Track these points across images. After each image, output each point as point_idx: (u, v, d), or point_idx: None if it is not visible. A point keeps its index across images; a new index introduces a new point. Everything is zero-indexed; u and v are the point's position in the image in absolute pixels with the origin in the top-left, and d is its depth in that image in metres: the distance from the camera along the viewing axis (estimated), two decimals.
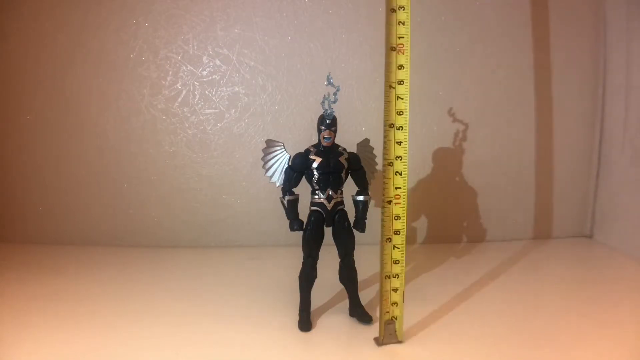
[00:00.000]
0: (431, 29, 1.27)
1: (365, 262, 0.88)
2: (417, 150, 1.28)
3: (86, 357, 0.74)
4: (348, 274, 0.85)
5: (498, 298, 0.96)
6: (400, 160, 0.74)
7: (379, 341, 0.77)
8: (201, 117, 1.28)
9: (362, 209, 0.84)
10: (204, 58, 1.27)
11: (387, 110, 0.73)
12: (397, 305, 0.76)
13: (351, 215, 0.84)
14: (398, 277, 0.75)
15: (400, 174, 0.74)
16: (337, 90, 0.79)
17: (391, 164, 0.74)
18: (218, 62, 1.27)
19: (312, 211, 0.82)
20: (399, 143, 0.74)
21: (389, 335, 0.76)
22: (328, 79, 0.79)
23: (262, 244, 1.31)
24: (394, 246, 0.75)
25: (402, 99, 0.73)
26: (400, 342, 0.77)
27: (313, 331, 0.82)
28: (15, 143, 1.30)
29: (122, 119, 1.28)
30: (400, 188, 0.74)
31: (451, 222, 1.33)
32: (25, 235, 1.33)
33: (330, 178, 0.81)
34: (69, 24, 1.25)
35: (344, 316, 0.87)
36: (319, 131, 0.81)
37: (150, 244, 1.31)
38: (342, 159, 0.82)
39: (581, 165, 1.35)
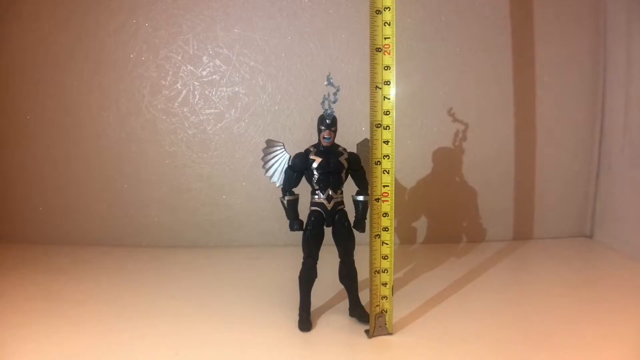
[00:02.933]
0: (431, 29, 1.27)
1: (365, 262, 0.87)
2: (417, 150, 1.28)
3: (86, 357, 0.74)
4: (348, 274, 0.85)
5: (496, 297, 0.96)
6: (388, 159, 0.75)
7: (370, 334, 0.78)
8: (201, 117, 1.28)
9: (362, 209, 0.84)
10: (204, 58, 1.27)
11: (373, 111, 0.75)
12: (386, 299, 0.78)
13: (351, 215, 0.84)
14: (387, 272, 0.77)
15: (388, 173, 0.75)
16: (337, 90, 0.79)
17: (378, 162, 0.75)
18: (218, 62, 1.27)
19: (312, 211, 0.82)
20: (386, 142, 0.75)
21: (379, 327, 0.78)
22: (328, 79, 0.79)
23: (262, 244, 1.31)
24: (383, 242, 0.77)
25: (388, 99, 0.74)
26: (390, 334, 0.79)
27: (313, 331, 0.82)
28: (15, 143, 1.31)
29: (122, 119, 1.28)
30: (387, 186, 0.76)
31: (451, 222, 1.33)
32: (25, 235, 1.33)
33: (330, 178, 0.81)
34: (69, 24, 1.25)
35: (344, 316, 0.87)
36: (319, 131, 0.81)
37: (150, 244, 1.31)
38: (342, 159, 0.82)
39: (581, 165, 1.35)
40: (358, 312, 0.85)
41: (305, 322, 0.82)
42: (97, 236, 1.32)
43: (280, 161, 0.84)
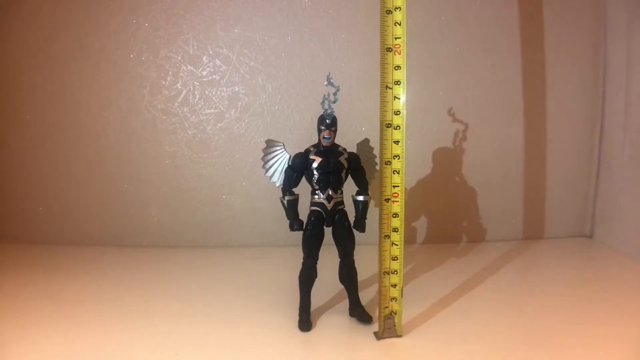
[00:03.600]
0: (431, 29, 1.27)
1: (365, 262, 0.88)
2: (417, 150, 1.28)
3: (86, 357, 0.74)
4: (348, 274, 0.85)
5: (497, 297, 0.96)
6: (398, 159, 0.75)
7: (379, 335, 0.78)
8: (201, 117, 1.28)
9: (362, 208, 0.84)
10: (204, 58, 1.27)
11: (384, 110, 0.74)
12: (395, 301, 0.77)
13: (351, 215, 0.84)
14: (396, 274, 0.77)
15: (398, 173, 0.75)
16: (337, 90, 0.79)
17: (388, 162, 0.75)
18: (218, 62, 1.27)
19: (312, 211, 0.82)
20: (396, 142, 0.74)
21: (388, 329, 0.78)
22: (328, 79, 0.79)
23: (262, 244, 1.31)
24: (392, 243, 0.76)
25: (399, 99, 0.74)
26: (399, 336, 0.78)
27: (313, 331, 0.82)
28: (15, 143, 1.31)
29: (122, 119, 1.28)
30: (397, 186, 0.75)
31: (451, 222, 1.33)
32: (25, 235, 1.33)
33: (330, 178, 0.81)
34: (69, 25, 1.25)
35: (344, 316, 0.87)
36: (319, 131, 0.81)
37: (150, 244, 1.31)
38: (342, 159, 0.82)
39: (581, 165, 1.35)
40: (358, 312, 0.85)
41: (305, 322, 0.82)
42: (97, 236, 1.32)
43: (280, 161, 0.84)
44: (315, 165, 0.81)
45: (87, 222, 1.32)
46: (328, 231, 0.83)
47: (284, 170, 0.83)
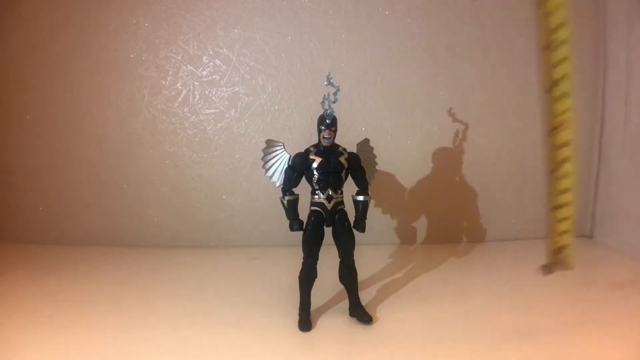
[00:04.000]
0: (431, 29, 1.27)
1: (366, 262, 0.88)
2: (417, 150, 1.28)
3: (86, 357, 0.74)
4: (348, 274, 0.85)
5: (497, 297, 0.96)
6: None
7: (548, 269, 0.75)
8: (201, 117, 1.28)
9: (362, 209, 0.84)
10: (204, 58, 1.27)
11: (545, 77, 0.69)
12: (565, 234, 0.72)
13: (351, 215, 0.84)
14: (567, 206, 0.71)
15: (564, 99, 0.69)
16: (337, 90, 0.79)
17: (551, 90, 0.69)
18: (218, 62, 1.27)
19: (312, 211, 0.82)
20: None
21: (558, 263, 0.74)
22: (328, 79, 0.79)
23: (262, 244, 1.31)
24: (560, 176, 0.70)
25: (565, 61, 0.68)
26: (570, 269, 0.74)
27: (313, 331, 0.82)
28: (15, 143, 1.31)
29: (122, 119, 1.28)
30: (565, 113, 0.69)
31: (451, 222, 1.33)
32: (25, 235, 1.33)
33: (330, 178, 0.81)
34: (69, 24, 1.25)
35: (344, 316, 0.87)
36: (319, 131, 0.81)
37: (150, 244, 1.31)
38: (342, 159, 0.82)
39: (581, 165, 1.35)
40: (358, 312, 0.85)
41: (305, 322, 0.82)
42: (97, 236, 1.32)
43: (280, 161, 0.84)
44: (315, 165, 0.81)
45: (87, 222, 1.32)
46: (328, 231, 0.83)
47: (284, 170, 0.83)
